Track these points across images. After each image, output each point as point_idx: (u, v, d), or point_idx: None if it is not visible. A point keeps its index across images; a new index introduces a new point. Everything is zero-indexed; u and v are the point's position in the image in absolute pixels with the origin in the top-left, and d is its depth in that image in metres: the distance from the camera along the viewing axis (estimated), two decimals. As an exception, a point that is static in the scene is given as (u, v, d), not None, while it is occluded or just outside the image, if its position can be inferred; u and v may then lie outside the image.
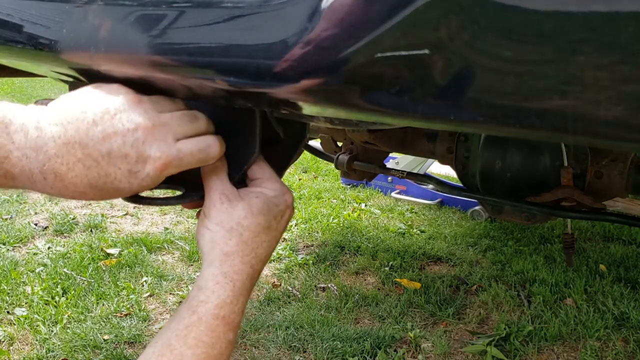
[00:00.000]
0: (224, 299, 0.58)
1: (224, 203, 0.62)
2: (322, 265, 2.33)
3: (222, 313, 0.58)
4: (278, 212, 0.64)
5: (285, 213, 0.65)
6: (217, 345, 0.57)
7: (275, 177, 0.67)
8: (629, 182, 1.26)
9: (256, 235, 0.61)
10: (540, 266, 2.32)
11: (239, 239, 0.60)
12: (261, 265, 0.63)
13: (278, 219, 0.64)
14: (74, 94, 0.57)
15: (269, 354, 1.73)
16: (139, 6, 0.60)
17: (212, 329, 0.56)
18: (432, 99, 0.47)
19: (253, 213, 0.62)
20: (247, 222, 0.61)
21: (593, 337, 1.84)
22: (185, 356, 0.55)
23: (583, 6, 0.39)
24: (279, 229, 0.65)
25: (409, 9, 0.44)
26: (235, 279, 0.59)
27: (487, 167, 1.38)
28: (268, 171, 0.67)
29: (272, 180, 0.66)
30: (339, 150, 1.83)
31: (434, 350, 1.77)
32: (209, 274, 0.59)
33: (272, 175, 0.67)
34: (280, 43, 0.51)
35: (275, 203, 0.64)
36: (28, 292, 2.05)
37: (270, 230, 0.63)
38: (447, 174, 3.45)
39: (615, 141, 0.43)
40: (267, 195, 0.64)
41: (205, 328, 0.56)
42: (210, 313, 0.57)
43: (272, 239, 0.64)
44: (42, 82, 7.72)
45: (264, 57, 0.52)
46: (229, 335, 0.58)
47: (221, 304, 0.58)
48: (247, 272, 0.60)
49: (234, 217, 0.61)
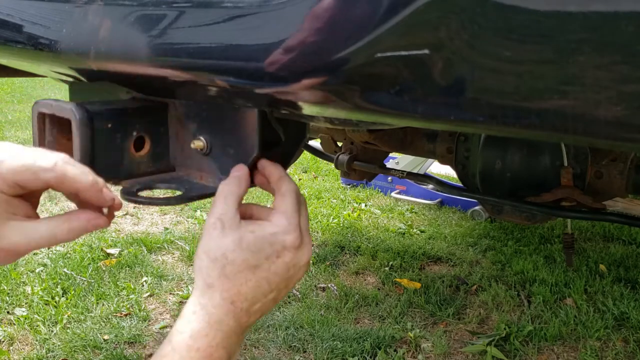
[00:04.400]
0: (199, 330, 0.55)
1: (216, 229, 0.57)
2: (322, 265, 2.33)
3: (197, 345, 0.54)
4: (272, 252, 0.58)
5: (282, 254, 0.58)
6: None
7: (287, 214, 0.60)
8: (629, 182, 1.26)
9: (240, 271, 0.56)
10: (540, 266, 2.32)
11: (220, 271, 0.56)
12: (248, 305, 0.57)
13: (272, 260, 0.58)
14: None
15: (269, 354, 1.73)
16: (139, 6, 0.60)
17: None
18: (432, 99, 0.47)
19: (242, 247, 0.57)
20: (233, 255, 0.56)
21: (593, 337, 1.84)
22: None
23: (583, 6, 0.39)
24: (272, 270, 0.58)
25: (408, 9, 0.44)
26: (212, 313, 0.56)
27: (487, 167, 1.38)
28: (284, 205, 0.61)
29: (282, 215, 0.60)
30: (339, 150, 1.83)
31: (434, 350, 1.77)
32: (190, 302, 0.57)
33: (286, 211, 0.60)
34: (280, 43, 0.50)
35: (270, 242, 0.58)
36: (28, 292, 2.05)
37: (258, 270, 0.57)
38: (447, 174, 3.45)
39: (615, 141, 0.43)
40: (265, 232, 0.58)
41: (179, 358, 0.53)
42: (185, 343, 0.54)
43: (262, 280, 0.58)
44: (42, 82, 7.72)
45: (264, 57, 0.52)
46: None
47: (195, 335, 0.54)
48: (226, 309, 0.56)
49: (221, 247, 0.57)
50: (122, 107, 0.66)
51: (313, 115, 0.73)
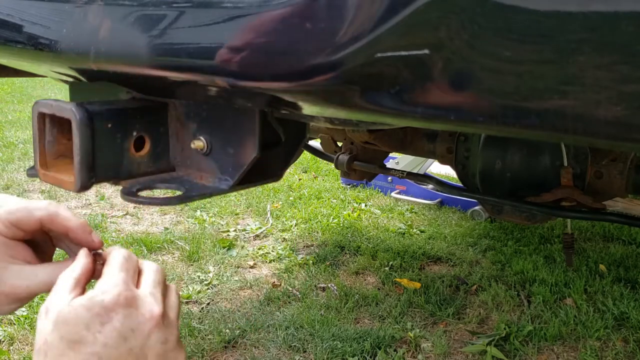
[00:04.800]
0: None
1: (40, 317, 0.50)
2: (322, 265, 2.33)
3: None
4: (91, 319, 0.48)
5: (107, 319, 0.48)
6: None
7: (108, 274, 0.52)
8: (629, 182, 1.26)
9: (60, 354, 0.47)
10: (540, 266, 2.32)
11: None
12: None
13: (95, 329, 0.48)
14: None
15: (269, 354, 1.73)
16: (139, 6, 0.60)
17: None
18: (432, 99, 0.47)
19: (57, 324, 0.48)
20: (51, 337, 0.48)
21: (593, 337, 1.84)
22: None
23: (583, 6, 0.39)
24: (99, 341, 0.47)
25: (409, 9, 0.44)
26: None
27: (487, 167, 1.38)
28: (106, 267, 0.53)
29: (104, 277, 0.52)
30: (339, 150, 1.83)
31: (434, 350, 1.77)
32: None
33: (107, 271, 0.53)
34: (280, 43, 0.51)
35: (87, 307, 0.48)
36: (28, 292, 2.05)
37: (82, 346, 0.47)
38: (447, 174, 3.45)
39: (615, 141, 0.43)
40: (81, 299, 0.49)
41: None
42: None
43: (91, 357, 0.47)
44: (42, 82, 7.72)
45: (264, 57, 0.52)
46: None
47: None
48: None
49: (41, 333, 0.49)
50: (122, 107, 0.66)
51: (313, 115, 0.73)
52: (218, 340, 1.77)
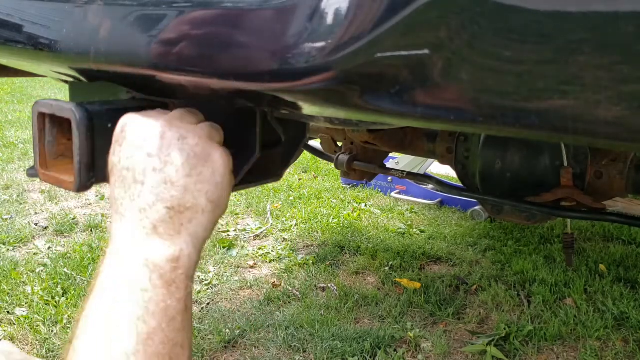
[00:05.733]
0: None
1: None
2: (322, 265, 2.33)
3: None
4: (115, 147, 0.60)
5: (123, 139, 0.58)
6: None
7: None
8: (629, 182, 1.26)
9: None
10: (540, 266, 2.32)
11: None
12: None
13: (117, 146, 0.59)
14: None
15: (269, 354, 1.73)
16: (139, 6, 0.60)
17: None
18: (432, 99, 0.47)
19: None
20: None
21: (593, 337, 1.84)
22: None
23: (583, 6, 0.39)
24: (122, 156, 0.58)
25: (409, 9, 0.44)
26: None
27: (487, 167, 1.38)
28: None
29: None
30: (339, 150, 1.83)
31: (434, 350, 1.77)
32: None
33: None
34: (280, 43, 0.51)
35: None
36: (28, 292, 2.05)
37: (115, 166, 0.59)
38: (447, 174, 3.45)
39: (615, 141, 0.43)
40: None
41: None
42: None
43: (122, 171, 0.58)
44: (42, 82, 7.72)
45: (265, 57, 0.52)
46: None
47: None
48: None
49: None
50: (122, 107, 0.66)
51: (313, 115, 0.73)
52: (218, 340, 1.77)
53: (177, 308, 0.51)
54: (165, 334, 0.49)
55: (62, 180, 0.64)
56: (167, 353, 0.49)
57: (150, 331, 0.48)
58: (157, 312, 0.49)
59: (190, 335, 0.52)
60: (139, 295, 0.49)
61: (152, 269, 0.51)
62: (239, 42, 0.53)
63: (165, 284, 0.51)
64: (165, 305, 0.50)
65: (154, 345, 0.48)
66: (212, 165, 0.56)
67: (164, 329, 0.49)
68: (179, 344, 0.50)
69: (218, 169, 0.56)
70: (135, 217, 0.53)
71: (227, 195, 0.57)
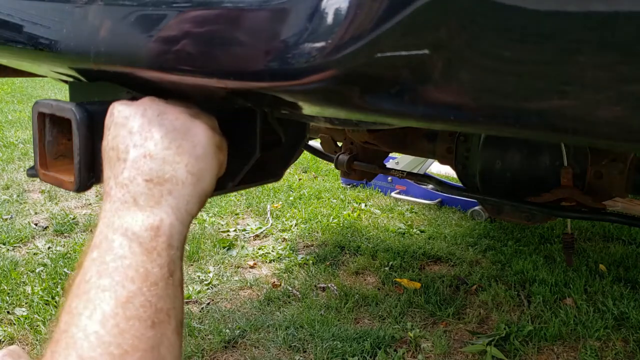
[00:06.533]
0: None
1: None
2: (322, 265, 2.33)
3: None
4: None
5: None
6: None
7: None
8: (629, 182, 1.26)
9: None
10: (540, 266, 2.32)
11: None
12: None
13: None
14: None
15: (269, 354, 1.73)
16: (139, 6, 0.60)
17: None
18: (432, 99, 0.47)
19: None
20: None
21: (593, 337, 1.84)
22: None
23: (583, 6, 0.39)
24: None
25: (409, 9, 0.44)
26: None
27: (487, 167, 1.38)
28: None
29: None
30: (339, 150, 1.83)
31: (434, 350, 1.77)
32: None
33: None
34: (280, 43, 0.51)
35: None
36: (28, 292, 2.05)
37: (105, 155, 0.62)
38: (447, 174, 3.45)
39: (615, 141, 0.43)
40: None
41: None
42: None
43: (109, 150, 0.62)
44: (42, 82, 7.72)
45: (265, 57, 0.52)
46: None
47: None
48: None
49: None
50: None
51: (313, 115, 0.73)
52: (218, 340, 1.77)
53: (159, 274, 0.51)
54: (146, 298, 0.49)
55: (62, 180, 0.64)
56: (149, 317, 0.49)
57: (129, 295, 0.49)
58: (136, 277, 0.50)
59: (178, 305, 0.52)
60: (119, 262, 0.50)
61: (131, 238, 0.51)
62: (239, 42, 0.53)
63: (145, 251, 0.51)
64: (145, 270, 0.50)
65: (134, 308, 0.48)
66: (193, 138, 0.56)
67: (145, 293, 0.49)
68: (164, 310, 0.50)
69: (199, 141, 0.56)
70: (118, 193, 0.54)
71: (210, 168, 0.58)
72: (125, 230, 0.52)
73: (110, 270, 0.50)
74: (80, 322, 0.48)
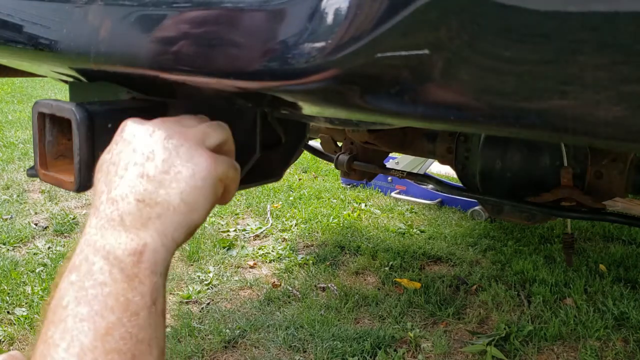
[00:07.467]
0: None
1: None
2: (322, 265, 2.33)
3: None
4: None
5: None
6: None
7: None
8: (629, 182, 1.26)
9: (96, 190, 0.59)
10: (540, 266, 2.32)
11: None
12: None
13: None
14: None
15: (269, 354, 1.73)
16: (139, 6, 0.60)
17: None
18: (432, 99, 0.47)
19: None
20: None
21: (593, 337, 1.84)
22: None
23: (583, 6, 0.39)
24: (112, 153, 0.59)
25: (409, 9, 0.44)
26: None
27: (487, 167, 1.38)
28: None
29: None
30: (339, 150, 1.83)
31: (434, 350, 1.77)
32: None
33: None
34: (280, 43, 0.51)
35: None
36: (28, 292, 2.05)
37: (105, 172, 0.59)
38: (447, 174, 3.45)
39: (615, 141, 0.43)
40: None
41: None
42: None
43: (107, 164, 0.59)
44: (42, 82, 7.72)
45: (265, 57, 0.52)
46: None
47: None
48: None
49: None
50: (122, 107, 0.66)
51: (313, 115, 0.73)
52: (218, 340, 1.77)
53: (140, 303, 0.49)
54: (127, 329, 0.47)
55: (62, 180, 0.64)
56: (129, 349, 0.47)
57: (109, 326, 0.47)
58: (116, 307, 0.48)
59: (160, 333, 0.50)
60: (98, 289, 0.48)
61: (113, 262, 0.49)
62: (239, 42, 0.53)
63: (126, 277, 0.49)
64: (125, 300, 0.48)
65: (113, 341, 0.46)
66: (194, 167, 0.54)
67: (125, 324, 0.47)
68: (145, 341, 0.48)
69: (199, 172, 0.54)
70: (107, 209, 0.52)
71: (205, 201, 0.55)
72: (107, 253, 0.50)
73: (89, 297, 0.48)
74: (57, 355, 0.46)
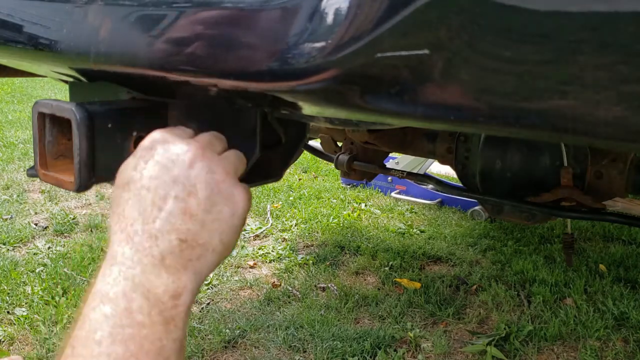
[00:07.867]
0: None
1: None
2: (322, 265, 2.33)
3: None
4: (135, 161, 0.56)
5: (150, 155, 0.55)
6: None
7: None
8: (629, 182, 1.26)
9: (118, 200, 0.56)
10: (540, 266, 2.32)
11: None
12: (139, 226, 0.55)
13: (140, 166, 0.55)
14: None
15: (269, 354, 1.73)
16: (140, 6, 0.60)
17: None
18: (432, 99, 0.47)
19: (116, 181, 0.59)
20: (114, 194, 0.57)
21: (593, 337, 1.84)
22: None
23: (583, 6, 0.39)
24: (145, 175, 0.54)
25: (409, 9, 0.44)
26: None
27: (487, 167, 1.38)
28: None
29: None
30: (339, 150, 1.83)
31: (434, 350, 1.77)
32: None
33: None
34: (280, 43, 0.51)
35: (132, 154, 0.58)
36: (28, 292, 2.05)
37: (132, 183, 0.55)
38: (447, 174, 3.45)
39: (615, 141, 0.43)
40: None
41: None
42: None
43: (142, 190, 0.55)
44: (42, 82, 7.72)
45: (265, 57, 0.52)
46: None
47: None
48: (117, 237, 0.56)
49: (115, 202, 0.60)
50: (122, 107, 0.66)
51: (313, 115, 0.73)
52: (218, 340, 1.77)
53: (173, 348, 0.49)
54: None
55: (62, 180, 0.64)
56: None
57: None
58: (152, 350, 0.47)
59: None
60: (136, 329, 0.47)
61: (153, 303, 0.48)
62: (239, 42, 0.53)
63: (164, 320, 0.48)
64: (161, 345, 0.48)
65: None
66: (234, 206, 0.54)
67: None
68: None
69: (238, 210, 0.54)
70: (144, 242, 0.50)
71: (238, 238, 0.55)
72: (147, 291, 0.48)
73: (126, 337, 0.47)
74: None
